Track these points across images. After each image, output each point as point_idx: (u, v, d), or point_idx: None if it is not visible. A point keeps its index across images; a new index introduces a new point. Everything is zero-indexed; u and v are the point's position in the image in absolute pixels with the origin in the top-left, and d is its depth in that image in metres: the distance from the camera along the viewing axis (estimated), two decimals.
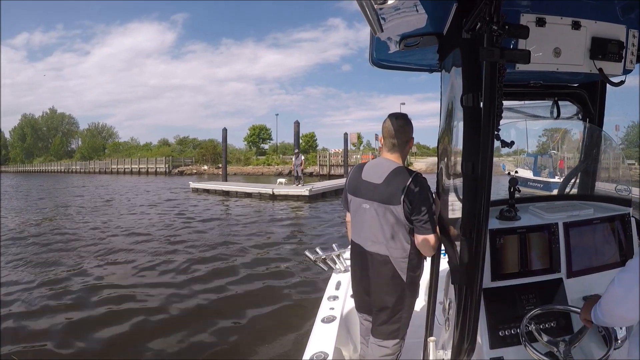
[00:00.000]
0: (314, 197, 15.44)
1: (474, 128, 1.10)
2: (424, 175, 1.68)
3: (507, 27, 0.94)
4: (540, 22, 1.20)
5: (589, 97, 1.83)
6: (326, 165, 33.02)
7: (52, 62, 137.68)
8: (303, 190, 15.32)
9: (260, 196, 16.38)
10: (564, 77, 1.65)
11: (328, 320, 2.13)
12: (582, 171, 2.01)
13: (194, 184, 20.23)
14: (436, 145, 1.66)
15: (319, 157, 36.33)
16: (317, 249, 2.86)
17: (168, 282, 5.61)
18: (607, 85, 1.58)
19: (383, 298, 1.74)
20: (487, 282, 1.41)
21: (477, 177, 1.09)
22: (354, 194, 1.84)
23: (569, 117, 1.96)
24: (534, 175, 7.45)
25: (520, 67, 1.22)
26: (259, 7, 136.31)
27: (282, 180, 18.81)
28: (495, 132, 1.07)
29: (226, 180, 22.22)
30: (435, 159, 1.77)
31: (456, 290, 1.27)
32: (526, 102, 1.95)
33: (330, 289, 2.57)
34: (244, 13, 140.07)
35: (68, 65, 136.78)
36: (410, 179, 1.64)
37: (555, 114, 1.90)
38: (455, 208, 1.37)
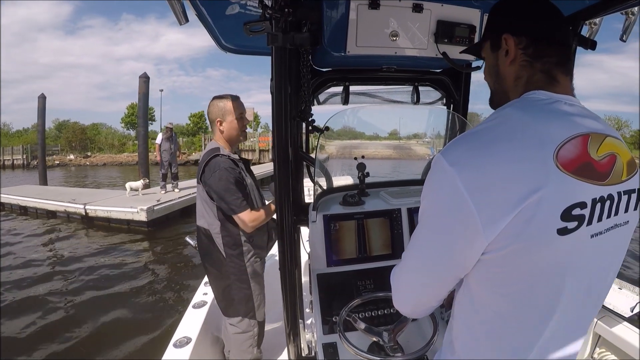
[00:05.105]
0: (160, 225, 7.87)
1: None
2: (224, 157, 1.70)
3: (287, 10, 0.94)
4: (374, 5, 1.18)
5: (452, 83, 1.81)
6: None
7: None
8: (135, 210, 7.70)
9: (68, 218, 8.99)
10: (424, 61, 1.59)
11: (198, 305, 2.21)
12: None
13: None
14: None
15: (204, 141, 29.28)
16: None
17: None
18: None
19: (209, 272, 1.82)
20: (323, 267, 1.46)
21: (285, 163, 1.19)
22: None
23: (430, 102, 1.96)
24: None
25: (353, 51, 1.23)
26: None
27: (136, 184, 9.59)
28: (310, 119, 1.27)
29: (45, 183, 13.99)
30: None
31: None
32: (385, 87, 1.90)
33: None
34: None
35: None
36: (206, 162, 1.68)
37: (414, 99, 1.87)
38: None
